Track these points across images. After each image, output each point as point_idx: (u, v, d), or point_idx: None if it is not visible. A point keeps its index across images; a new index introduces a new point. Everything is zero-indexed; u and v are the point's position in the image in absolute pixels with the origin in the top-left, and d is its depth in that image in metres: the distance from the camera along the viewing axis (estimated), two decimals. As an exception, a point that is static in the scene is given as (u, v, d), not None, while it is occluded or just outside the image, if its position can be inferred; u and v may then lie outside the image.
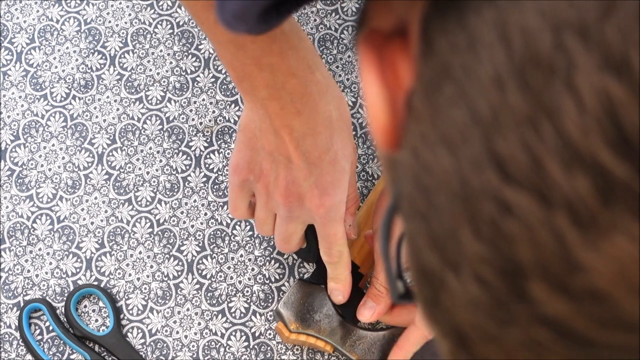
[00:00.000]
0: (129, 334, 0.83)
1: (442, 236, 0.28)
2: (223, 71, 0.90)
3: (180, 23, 0.92)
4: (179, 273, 0.84)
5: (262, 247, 0.85)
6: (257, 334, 0.83)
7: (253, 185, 0.70)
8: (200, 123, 0.89)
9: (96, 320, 0.83)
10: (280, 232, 0.73)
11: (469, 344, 0.29)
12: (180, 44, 0.92)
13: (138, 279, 0.84)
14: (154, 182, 0.87)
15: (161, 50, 0.91)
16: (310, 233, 0.75)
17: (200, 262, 0.85)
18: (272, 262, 0.85)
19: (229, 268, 0.84)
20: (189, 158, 0.88)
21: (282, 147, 0.65)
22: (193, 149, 0.88)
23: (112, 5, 0.93)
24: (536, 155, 0.25)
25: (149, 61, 0.91)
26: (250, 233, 0.85)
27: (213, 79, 0.90)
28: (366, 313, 0.78)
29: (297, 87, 0.63)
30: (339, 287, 0.78)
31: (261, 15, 0.44)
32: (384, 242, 0.35)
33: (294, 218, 0.71)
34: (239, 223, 0.86)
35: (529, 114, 0.25)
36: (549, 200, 0.25)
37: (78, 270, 0.84)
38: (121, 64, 0.91)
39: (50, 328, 0.83)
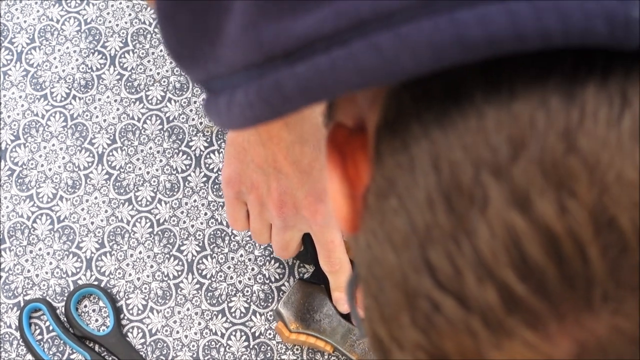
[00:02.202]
0: (129, 334, 0.83)
1: (389, 317, 0.33)
2: (223, 71, 0.90)
3: (181, 23, 0.92)
4: (179, 273, 0.84)
5: (262, 247, 0.85)
6: (257, 334, 0.83)
7: (246, 197, 0.71)
8: (201, 123, 0.89)
9: (96, 320, 0.83)
10: (278, 241, 0.73)
11: None
12: (181, 43, 0.91)
13: (138, 278, 0.84)
14: (154, 182, 0.87)
15: (161, 50, 0.91)
16: (307, 236, 0.75)
17: (200, 262, 0.85)
18: (272, 262, 0.85)
19: (229, 268, 0.84)
20: (189, 158, 0.88)
21: (271, 158, 0.66)
22: (193, 148, 0.88)
23: (112, 5, 0.93)
24: (458, 267, 0.30)
25: (149, 61, 0.91)
26: (250, 233, 0.85)
27: (213, 79, 0.90)
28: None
29: None
30: (344, 296, 0.78)
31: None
32: (350, 299, 0.43)
33: (290, 227, 0.71)
34: (239, 223, 0.86)
35: (453, 232, 0.30)
36: (467, 305, 0.30)
37: (78, 270, 0.85)
38: (121, 64, 0.91)
39: (51, 328, 0.83)
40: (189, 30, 0.40)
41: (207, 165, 0.87)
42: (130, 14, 0.93)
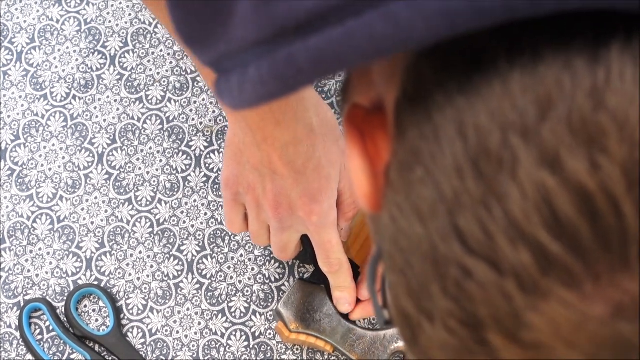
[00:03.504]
0: (129, 334, 0.83)
1: (417, 289, 0.33)
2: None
3: (181, 23, 0.92)
4: (179, 273, 0.84)
5: (262, 246, 0.85)
6: (257, 334, 0.83)
7: (244, 198, 0.71)
8: (201, 123, 0.89)
9: (96, 320, 0.83)
10: (276, 243, 0.73)
11: None
12: (181, 43, 0.92)
13: (138, 278, 0.84)
14: (154, 181, 0.87)
15: (161, 50, 0.91)
16: (306, 237, 0.75)
17: (200, 261, 0.85)
18: (272, 261, 0.85)
19: (229, 268, 0.84)
20: (189, 158, 0.88)
21: (267, 159, 0.66)
22: (193, 148, 0.88)
23: (112, 5, 0.93)
24: (489, 232, 0.30)
25: (149, 61, 0.91)
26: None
27: (213, 79, 0.90)
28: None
29: None
30: (345, 296, 0.77)
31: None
32: (370, 282, 0.42)
33: (287, 228, 0.71)
34: (239, 223, 0.86)
35: (483, 197, 0.30)
36: (500, 269, 0.30)
37: (78, 270, 0.85)
38: (121, 64, 0.91)
39: (51, 328, 0.83)
40: (200, 12, 0.39)
41: (207, 165, 0.87)
42: (130, 14, 0.93)
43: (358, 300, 0.81)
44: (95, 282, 0.84)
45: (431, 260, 0.32)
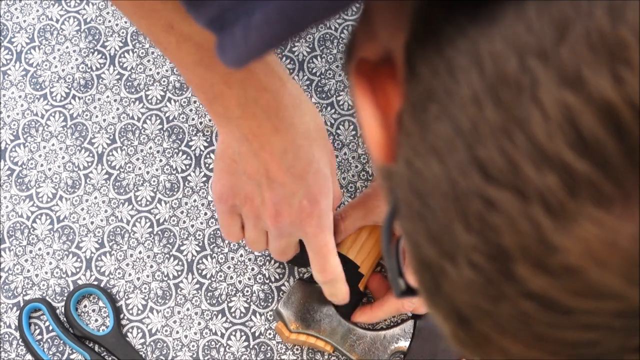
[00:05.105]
0: (129, 334, 0.83)
1: (438, 231, 0.33)
2: (223, 71, 0.90)
3: (180, 22, 0.92)
4: (179, 273, 0.84)
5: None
6: (257, 334, 0.83)
7: (240, 209, 0.70)
8: (200, 122, 0.89)
9: (96, 320, 0.83)
10: (275, 248, 0.73)
11: (467, 323, 0.33)
12: (180, 43, 0.91)
13: (138, 278, 0.84)
14: (154, 181, 0.87)
15: (161, 50, 0.91)
16: (300, 240, 0.74)
17: (200, 261, 0.85)
18: (272, 261, 0.84)
19: (229, 268, 0.84)
20: (189, 158, 0.88)
21: (263, 168, 0.65)
22: (193, 148, 0.88)
23: (112, 5, 0.93)
24: (512, 158, 0.30)
25: (148, 60, 0.91)
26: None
27: (213, 79, 0.90)
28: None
29: (270, 102, 0.62)
30: (339, 300, 0.77)
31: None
32: (386, 244, 0.41)
33: (285, 235, 0.70)
34: (239, 223, 0.86)
35: (503, 124, 0.30)
36: (525, 195, 0.29)
37: (78, 270, 0.84)
38: (121, 64, 0.91)
39: (50, 328, 0.83)
40: None
41: (207, 165, 0.87)
42: (130, 14, 0.93)
43: (361, 301, 0.81)
44: (95, 282, 0.84)
45: (452, 197, 0.32)
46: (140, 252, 0.85)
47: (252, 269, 0.84)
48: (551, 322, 0.31)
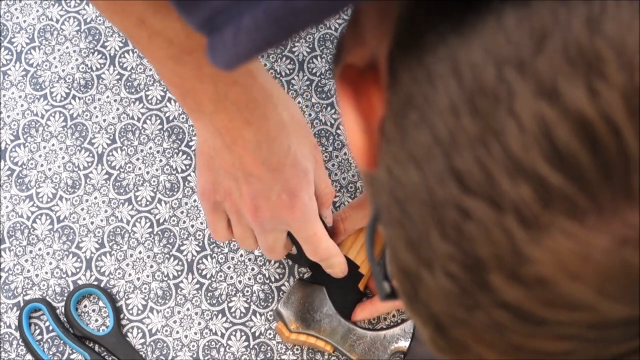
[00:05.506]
0: (129, 334, 0.83)
1: (415, 239, 0.33)
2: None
3: (180, 23, 0.92)
4: (179, 273, 0.84)
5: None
6: (257, 334, 0.83)
7: (223, 205, 0.70)
8: (200, 123, 0.89)
9: (96, 320, 0.83)
10: (262, 244, 0.72)
11: (445, 330, 0.34)
12: (180, 43, 0.91)
13: (138, 278, 0.84)
14: (154, 181, 0.87)
15: (161, 50, 0.91)
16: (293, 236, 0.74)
17: (200, 261, 0.85)
18: (272, 261, 0.84)
19: (229, 268, 0.84)
20: (189, 158, 0.88)
21: (239, 162, 0.65)
22: (193, 148, 0.88)
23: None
24: (487, 169, 0.30)
25: (149, 60, 0.91)
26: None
27: (213, 79, 0.90)
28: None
29: (240, 95, 0.62)
30: (337, 273, 0.77)
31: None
32: (369, 248, 0.42)
33: (269, 230, 0.70)
34: (239, 223, 0.86)
35: (480, 134, 0.30)
36: (500, 206, 0.30)
37: (78, 270, 0.84)
38: (121, 64, 0.91)
39: (50, 328, 0.83)
40: None
41: (207, 165, 0.87)
42: (130, 14, 0.93)
43: (361, 301, 0.81)
44: (95, 282, 0.84)
45: (428, 205, 0.32)
46: (140, 252, 0.85)
47: (252, 269, 0.84)
48: (525, 332, 0.31)
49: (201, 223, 0.86)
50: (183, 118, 0.89)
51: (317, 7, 0.33)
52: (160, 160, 0.88)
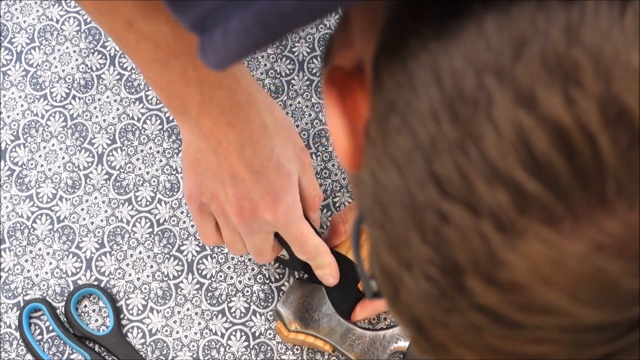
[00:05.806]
0: (129, 334, 0.83)
1: (396, 241, 0.33)
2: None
3: (180, 23, 0.92)
4: (179, 273, 0.84)
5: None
6: (257, 334, 0.83)
7: (210, 208, 0.70)
8: (200, 123, 0.89)
9: (96, 320, 0.83)
10: (250, 247, 0.72)
11: (425, 331, 0.34)
12: (180, 43, 0.91)
13: (138, 278, 0.84)
14: (154, 182, 0.87)
15: (161, 50, 0.91)
16: (282, 240, 0.74)
17: (200, 261, 0.85)
18: (272, 261, 0.84)
19: (229, 268, 0.84)
20: (188, 158, 0.88)
21: (224, 164, 0.65)
22: (193, 148, 0.88)
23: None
24: (466, 174, 0.30)
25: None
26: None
27: (213, 79, 0.90)
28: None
29: (224, 98, 0.63)
30: (326, 272, 0.77)
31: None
32: (355, 249, 0.43)
33: (256, 232, 0.70)
34: (238, 223, 0.85)
35: (459, 140, 0.30)
36: (477, 211, 0.30)
37: (78, 270, 0.85)
38: (121, 64, 0.91)
39: (50, 328, 0.83)
40: None
41: (206, 165, 0.87)
42: (130, 14, 0.93)
43: (359, 301, 0.81)
44: (95, 282, 0.84)
45: (409, 209, 0.32)
46: (140, 252, 0.85)
47: (252, 269, 0.84)
48: (502, 334, 0.32)
49: (201, 223, 0.86)
50: (183, 118, 0.89)
51: (304, 10, 0.33)
52: (160, 161, 0.88)
